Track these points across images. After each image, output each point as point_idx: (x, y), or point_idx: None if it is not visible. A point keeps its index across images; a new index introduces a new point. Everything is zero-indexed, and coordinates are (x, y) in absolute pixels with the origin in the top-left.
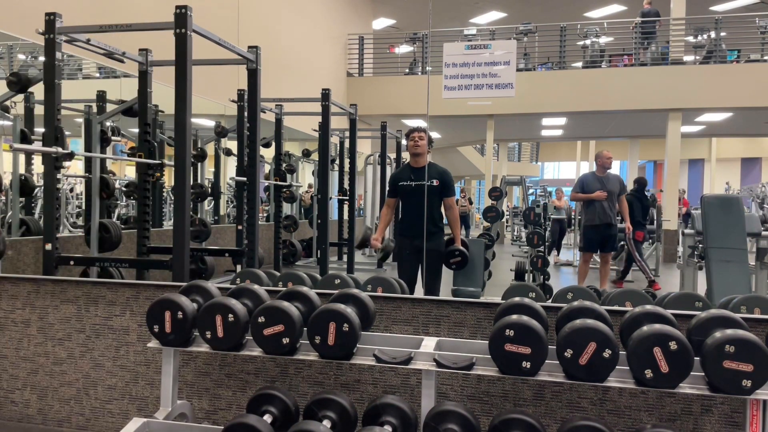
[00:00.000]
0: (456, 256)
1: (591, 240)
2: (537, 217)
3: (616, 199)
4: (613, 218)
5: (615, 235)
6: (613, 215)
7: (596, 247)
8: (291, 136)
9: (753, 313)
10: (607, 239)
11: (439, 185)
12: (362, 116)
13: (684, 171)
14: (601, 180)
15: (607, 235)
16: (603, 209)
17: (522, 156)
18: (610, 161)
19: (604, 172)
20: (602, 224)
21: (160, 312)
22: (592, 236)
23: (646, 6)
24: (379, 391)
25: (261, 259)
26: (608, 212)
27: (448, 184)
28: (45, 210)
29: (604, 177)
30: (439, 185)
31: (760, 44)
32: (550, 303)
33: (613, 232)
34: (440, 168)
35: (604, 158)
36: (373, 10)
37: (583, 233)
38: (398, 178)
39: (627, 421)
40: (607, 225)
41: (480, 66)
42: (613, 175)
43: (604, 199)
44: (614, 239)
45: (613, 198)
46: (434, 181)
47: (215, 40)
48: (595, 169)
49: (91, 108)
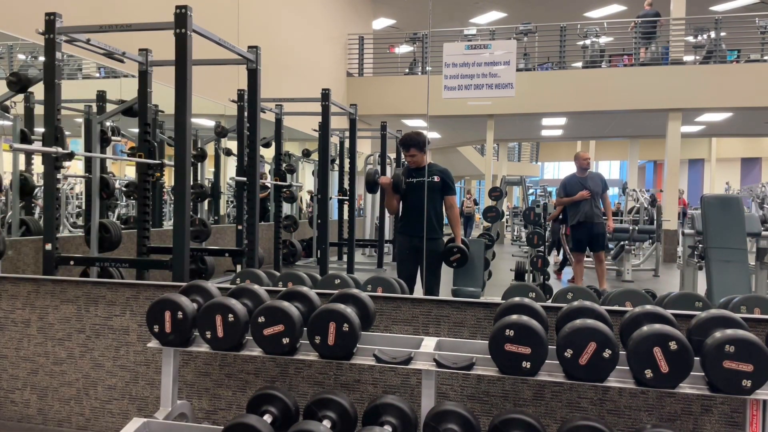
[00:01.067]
0: (455, 254)
1: (579, 240)
2: (537, 217)
3: (600, 198)
4: (598, 217)
5: (603, 233)
6: (598, 214)
7: (584, 247)
8: (291, 136)
9: (753, 313)
10: (594, 238)
11: (440, 182)
12: (362, 116)
13: (684, 171)
14: (583, 180)
15: (595, 234)
16: (587, 208)
17: (522, 156)
18: (587, 162)
19: (585, 173)
20: (588, 223)
21: (160, 312)
22: (579, 236)
23: (647, 7)
24: (379, 391)
25: (261, 259)
26: (593, 211)
27: (449, 182)
28: (45, 210)
29: (586, 177)
30: (440, 182)
31: (760, 44)
32: (550, 303)
33: (600, 230)
34: (440, 167)
35: (581, 159)
36: (373, 10)
37: (571, 234)
38: (399, 175)
39: (627, 421)
40: (592, 224)
41: (480, 66)
42: (594, 174)
43: (587, 197)
44: (602, 237)
45: (596, 197)
46: (435, 177)
47: (215, 40)
48: (576, 170)
49: (91, 108)
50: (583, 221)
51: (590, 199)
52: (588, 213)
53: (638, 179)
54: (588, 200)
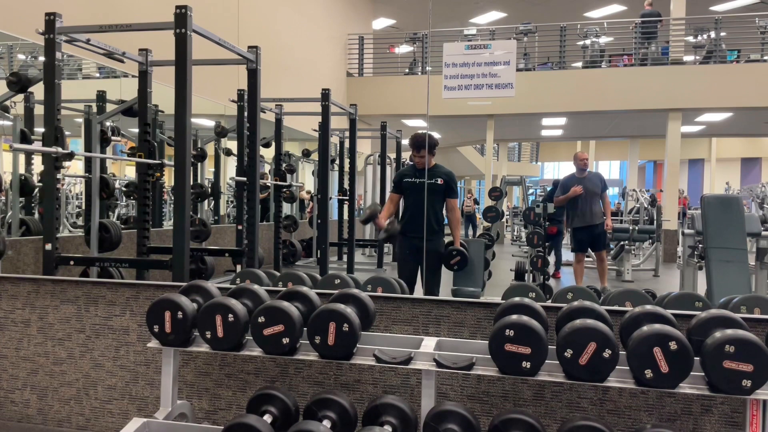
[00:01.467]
0: (455, 256)
1: (580, 241)
2: (537, 217)
3: (599, 197)
4: (598, 217)
5: (603, 233)
6: (598, 214)
7: (586, 247)
8: (291, 136)
9: (753, 313)
10: (595, 238)
11: (443, 184)
12: (362, 116)
13: (684, 171)
14: (581, 180)
15: (596, 234)
16: (587, 209)
17: (522, 156)
18: (585, 162)
19: (583, 173)
20: (589, 225)
21: (160, 312)
22: (581, 237)
23: (647, 7)
24: (379, 391)
25: (261, 259)
26: (593, 211)
27: (452, 185)
28: (45, 210)
29: (584, 177)
30: (443, 184)
31: (760, 44)
32: (550, 303)
33: (601, 230)
34: (445, 169)
35: (579, 160)
36: (373, 10)
37: (572, 235)
38: (403, 174)
39: (627, 421)
40: (593, 225)
41: (480, 66)
42: (593, 174)
43: (580, 193)
44: (603, 236)
45: (595, 196)
46: (439, 179)
47: (215, 40)
48: (575, 171)
49: (91, 108)
50: (587, 225)
51: (589, 200)
52: (589, 216)
53: (638, 179)
54: (587, 201)
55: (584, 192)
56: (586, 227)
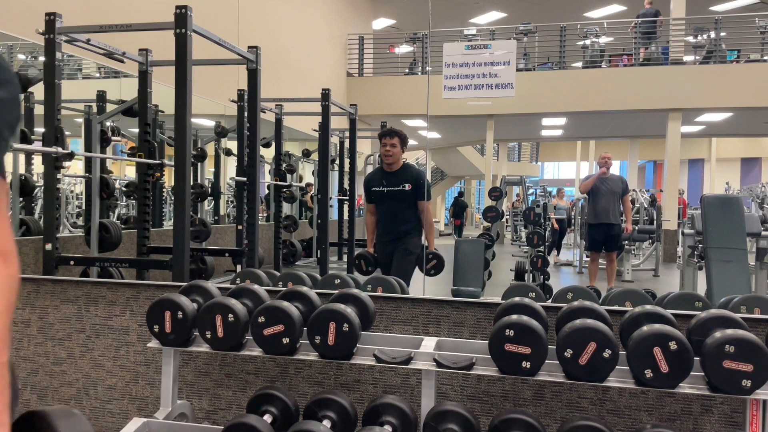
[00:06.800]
0: (431, 260)
1: (594, 239)
2: (537, 217)
3: (619, 199)
4: (615, 217)
5: (618, 235)
6: (616, 215)
7: (600, 247)
8: (291, 136)
9: (753, 313)
10: (610, 238)
11: (411, 189)
12: (362, 116)
13: (684, 171)
14: (605, 181)
15: (610, 235)
16: (605, 208)
17: (522, 156)
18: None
19: (607, 173)
20: (604, 224)
21: (160, 312)
22: (595, 235)
23: (647, 6)
24: (379, 391)
25: (261, 259)
26: (611, 211)
27: (422, 187)
28: (45, 210)
29: (607, 177)
30: (411, 189)
31: (760, 44)
32: (550, 303)
33: (616, 231)
34: (415, 171)
35: (600, 159)
36: (373, 10)
37: (587, 233)
38: (370, 182)
39: (627, 421)
40: (609, 224)
41: (480, 66)
42: (615, 176)
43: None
44: (617, 238)
45: (616, 197)
46: (406, 185)
47: (215, 40)
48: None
49: (91, 108)
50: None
51: (610, 199)
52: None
53: (638, 179)
54: (608, 199)
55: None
56: (602, 224)
